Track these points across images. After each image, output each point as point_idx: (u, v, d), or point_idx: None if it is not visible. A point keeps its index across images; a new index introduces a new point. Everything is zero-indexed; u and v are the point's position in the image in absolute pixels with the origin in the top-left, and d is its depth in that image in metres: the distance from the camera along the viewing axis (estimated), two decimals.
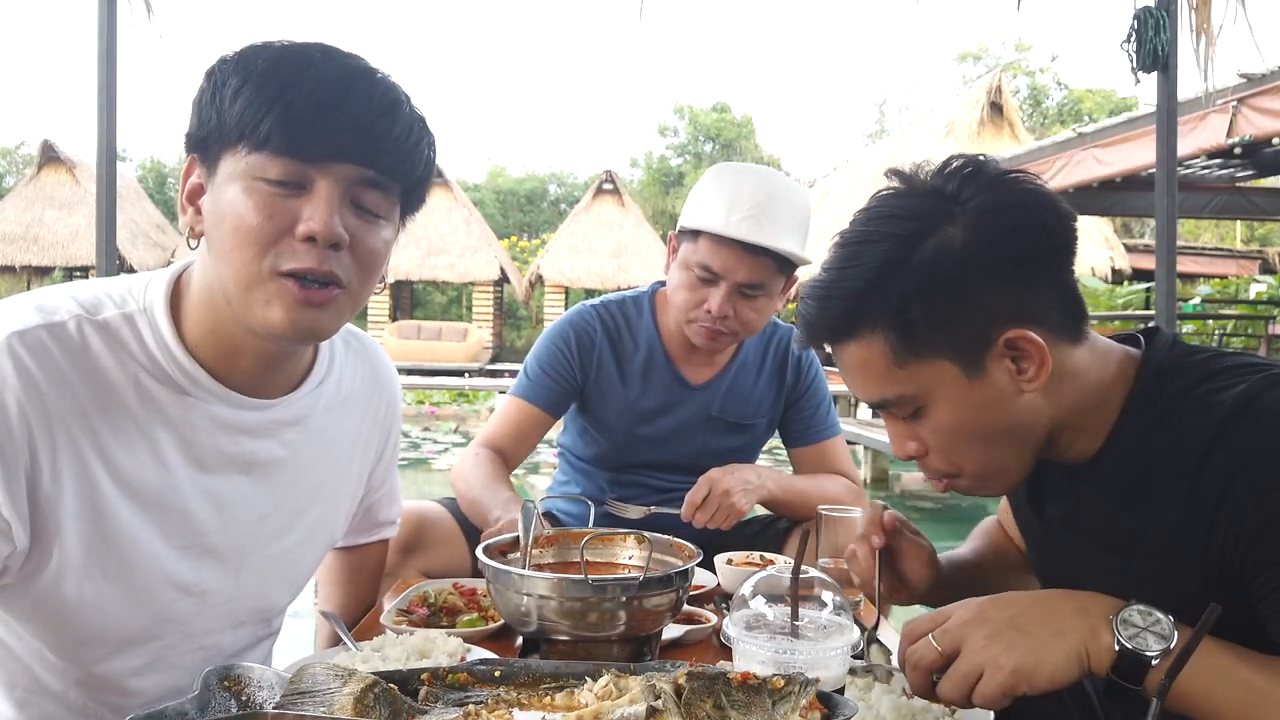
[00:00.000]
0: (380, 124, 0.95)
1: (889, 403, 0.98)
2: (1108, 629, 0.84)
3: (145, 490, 0.99)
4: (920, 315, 0.92)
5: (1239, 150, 6.82)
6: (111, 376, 0.96)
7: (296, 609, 1.33)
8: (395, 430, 1.35)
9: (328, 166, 0.94)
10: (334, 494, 1.22)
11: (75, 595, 0.96)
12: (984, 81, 16.41)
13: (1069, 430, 0.98)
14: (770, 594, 1.00)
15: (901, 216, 0.94)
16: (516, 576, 1.15)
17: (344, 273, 0.97)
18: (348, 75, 0.94)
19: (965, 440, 0.97)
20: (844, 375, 1.01)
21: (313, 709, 0.78)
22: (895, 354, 0.94)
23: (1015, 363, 0.93)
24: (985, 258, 0.91)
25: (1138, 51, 2.89)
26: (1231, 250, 16.97)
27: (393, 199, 1.00)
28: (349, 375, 1.21)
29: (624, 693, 0.80)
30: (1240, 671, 0.82)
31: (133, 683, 1.04)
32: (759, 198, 1.73)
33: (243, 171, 0.93)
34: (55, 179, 21.12)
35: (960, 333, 0.92)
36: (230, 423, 1.04)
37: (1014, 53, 35.24)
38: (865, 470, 9.15)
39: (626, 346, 1.98)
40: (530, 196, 39.29)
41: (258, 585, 1.13)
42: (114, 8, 2.71)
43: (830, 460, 2.02)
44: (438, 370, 18.15)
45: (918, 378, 0.94)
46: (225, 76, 0.93)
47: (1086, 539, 1.02)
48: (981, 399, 0.94)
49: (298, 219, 0.93)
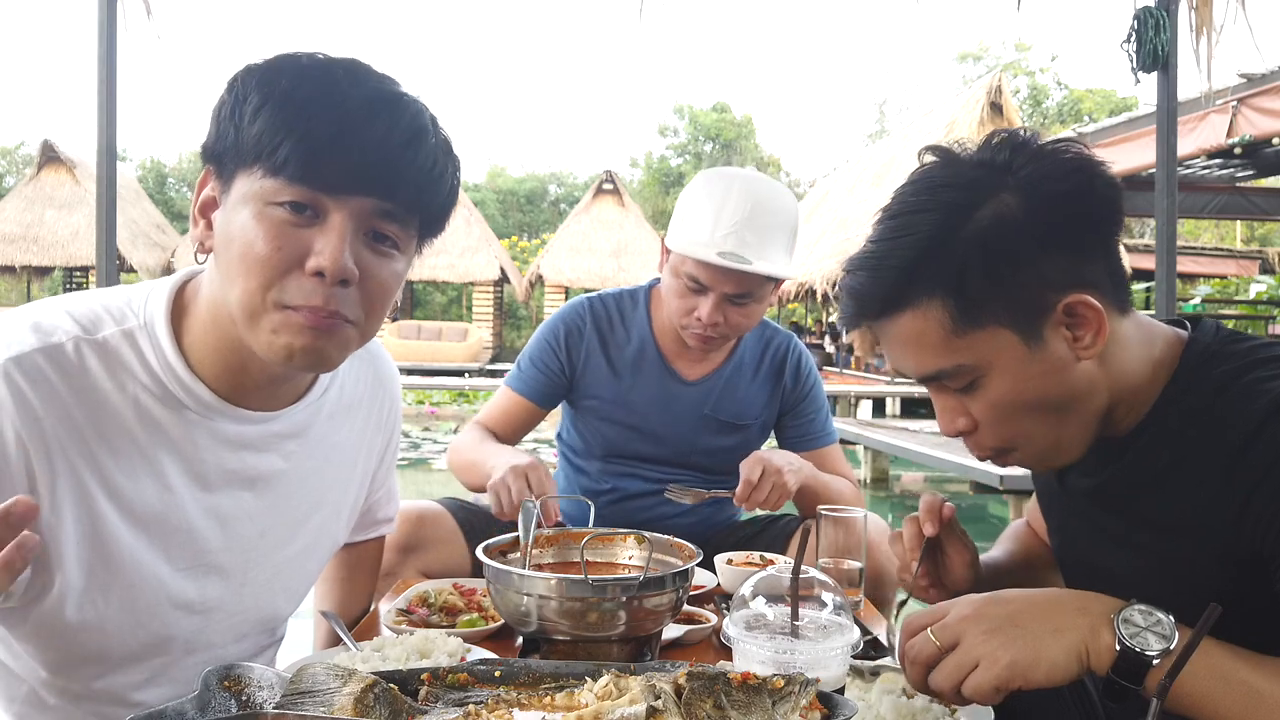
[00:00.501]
0: (403, 156, 0.91)
1: (944, 374, 0.96)
2: (1109, 628, 0.84)
3: (147, 513, 0.98)
4: (978, 283, 0.90)
5: (1239, 150, 6.83)
6: (111, 399, 0.94)
7: (295, 610, 1.33)
8: (396, 431, 1.35)
9: (344, 199, 0.90)
10: (337, 500, 1.21)
11: (77, 618, 0.95)
12: (984, 81, 16.41)
13: (1120, 408, 0.98)
14: (770, 594, 1.00)
15: (953, 186, 0.93)
16: (517, 576, 1.15)
17: (350, 310, 0.94)
18: (372, 101, 0.90)
19: (1022, 412, 0.95)
20: (892, 349, 0.99)
21: (313, 709, 0.78)
22: (952, 323, 0.92)
23: (1072, 330, 0.93)
24: (1042, 223, 0.90)
25: (1138, 51, 2.89)
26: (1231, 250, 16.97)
27: (410, 230, 0.98)
28: (352, 380, 1.19)
29: (624, 693, 0.80)
30: (1240, 672, 0.82)
31: (134, 696, 1.03)
32: (743, 212, 1.75)
33: (256, 194, 0.90)
34: (55, 179, 21.12)
35: (1019, 300, 0.91)
36: (232, 438, 1.02)
37: (1014, 53, 35.28)
38: (865, 470, 9.15)
39: (618, 337, 2.01)
40: (530, 196, 39.31)
41: (261, 597, 1.12)
42: (114, 8, 2.71)
43: (830, 466, 2.04)
44: (438, 370, 18.17)
45: (975, 347, 0.93)
46: (247, 91, 0.90)
47: (1113, 514, 1.01)
48: (1040, 368, 0.92)
49: (308, 251, 0.90)
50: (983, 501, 8.06)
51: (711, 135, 37.07)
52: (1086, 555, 1.08)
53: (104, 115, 2.68)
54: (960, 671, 0.86)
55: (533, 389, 2.00)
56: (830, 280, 16.19)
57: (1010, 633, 0.85)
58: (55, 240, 20.25)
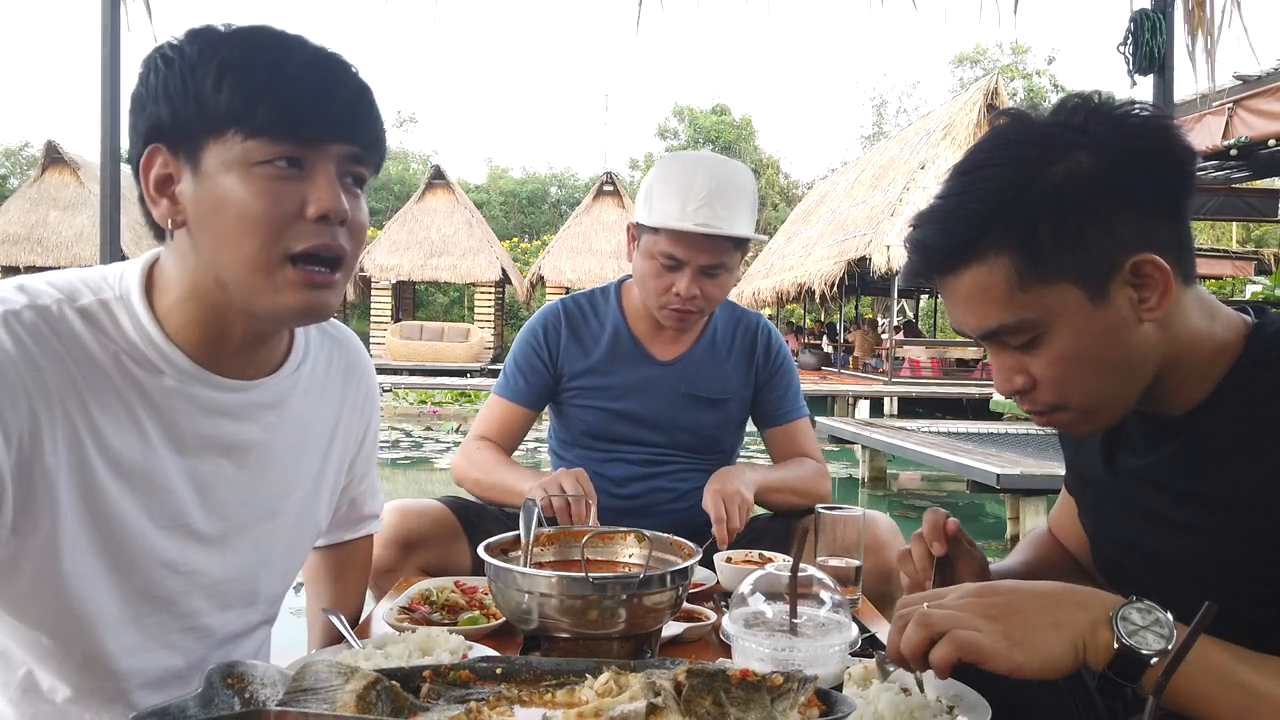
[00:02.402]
0: (360, 103, 0.99)
1: (1006, 329, 0.96)
2: (1107, 625, 0.83)
3: (132, 468, 1.00)
4: (1049, 237, 0.91)
5: (1235, 152, 6.84)
6: (97, 356, 0.98)
7: (296, 608, 1.33)
8: (375, 418, 1.36)
9: (323, 147, 0.97)
10: (316, 479, 1.23)
11: (71, 569, 0.97)
12: (981, 84, 16.43)
13: (1173, 376, 0.98)
14: (769, 592, 1.01)
15: (1026, 143, 0.94)
16: (518, 574, 1.16)
17: (348, 246, 1.01)
18: (322, 58, 0.97)
19: (1081, 370, 0.95)
20: (955, 305, 0.98)
21: (315, 706, 0.79)
22: (1020, 277, 0.92)
23: (1138, 290, 0.93)
24: (1115, 182, 0.91)
25: (1134, 54, 2.89)
26: (1227, 251, 16.98)
27: (369, 171, 1.04)
28: (324, 360, 1.22)
29: (624, 690, 0.80)
30: (1239, 672, 0.81)
31: (126, 662, 1.04)
32: (710, 186, 1.84)
33: (239, 158, 0.94)
34: (59, 180, 21.13)
35: (1088, 256, 0.91)
36: (209, 405, 1.05)
37: (1011, 55, 35.30)
38: (864, 470, 9.14)
39: (592, 329, 2.08)
40: (531, 198, 39.32)
41: (244, 568, 1.14)
42: (118, 9, 2.71)
43: (800, 439, 2.11)
44: (440, 370, 18.17)
45: (1041, 302, 0.93)
46: (192, 64, 0.94)
47: (1163, 493, 1.01)
48: (1103, 326, 0.93)
49: (305, 200, 0.96)
50: (980, 501, 8.07)
51: (711, 137, 37.06)
52: (1126, 535, 1.08)
53: (108, 116, 2.69)
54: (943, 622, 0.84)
55: (523, 393, 2.04)
56: (829, 280, 16.19)
57: (1011, 619, 0.84)
58: (59, 241, 20.24)
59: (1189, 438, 0.98)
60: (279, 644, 1.30)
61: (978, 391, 13.50)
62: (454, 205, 22.32)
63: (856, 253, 15.45)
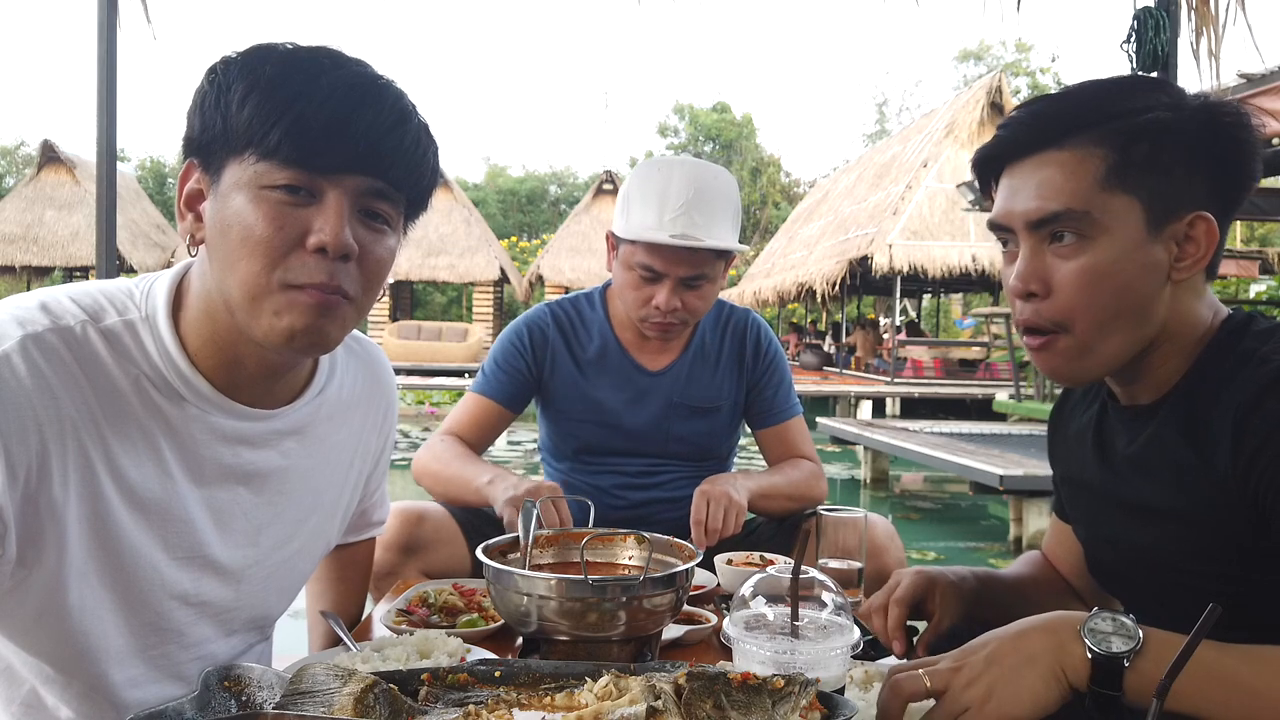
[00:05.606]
0: (391, 136, 0.93)
1: (1068, 216, 0.99)
2: (1076, 640, 0.84)
3: (148, 499, 0.98)
4: (1144, 156, 0.97)
5: None
6: (118, 382, 0.95)
7: (295, 609, 1.33)
8: (392, 434, 1.35)
9: (338, 178, 0.93)
10: (333, 501, 1.21)
11: (77, 603, 0.95)
12: (984, 81, 16.42)
13: (1157, 353, 1.03)
14: (770, 594, 1.00)
15: (1140, 86, 1.03)
16: (517, 577, 1.15)
17: (351, 285, 0.96)
18: (359, 85, 0.92)
19: (1103, 291, 0.99)
20: (1028, 183, 1.02)
21: (313, 709, 0.78)
22: (1104, 175, 0.97)
23: (1180, 247, 0.99)
24: (1210, 147, 0.98)
25: (1138, 52, 2.88)
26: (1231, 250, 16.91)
27: (399, 208, 1.00)
28: (350, 380, 1.20)
29: (624, 693, 0.80)
30: (1239, 672, 0.81)
31: (129, 694, 1.03)
32: (688, 194, 1.77)
33: (250, 180, 0.91)
34: (55, 179, 21.13)
35: (1166, 188, 0.98)
36: (230, 434, 1.03)
37: (1014, 53, 35.29)
38: (865, 470, 9.14)
39: (581, 338, 2.03)
40: (530, 197, 39.33)
41: (257, 596, 1.12)
42: (115, 8, 2.71)
43: (794, 439, 2.05)
44: (438, 370, 18.16)
45: (1108, 205, 0.98)
46: (230, 80, 0.91)
47: (1150, 479, 1.04)
48: (1142, 260, 0.98)
49: (308, 230, 0.92)
50: (983, 502, 8.07)
51: (712, 135, 37.08)
52: (1113, 532, 1.12)
53: (104, 115, 2.68)
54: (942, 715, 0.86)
55: (501, 392, 1.99)
56: (830, 280, 16.19)
57: (990, 674, 0.84)
58: (55, 240, 20.24)
59: (1157, 423, 1.03)
60: (278, 646, 1.29)
61: (981, 392, 13.49)
62: (452, 204, 22.28)
63: (858, 252, 15.45)
